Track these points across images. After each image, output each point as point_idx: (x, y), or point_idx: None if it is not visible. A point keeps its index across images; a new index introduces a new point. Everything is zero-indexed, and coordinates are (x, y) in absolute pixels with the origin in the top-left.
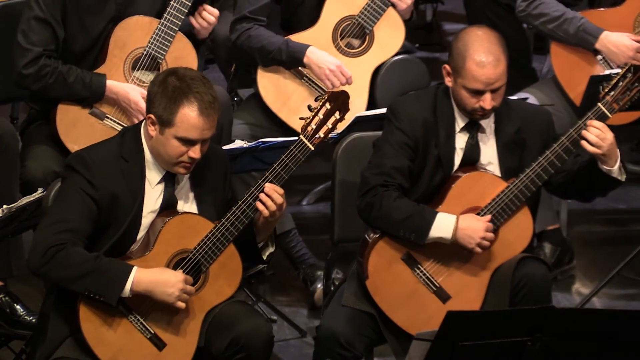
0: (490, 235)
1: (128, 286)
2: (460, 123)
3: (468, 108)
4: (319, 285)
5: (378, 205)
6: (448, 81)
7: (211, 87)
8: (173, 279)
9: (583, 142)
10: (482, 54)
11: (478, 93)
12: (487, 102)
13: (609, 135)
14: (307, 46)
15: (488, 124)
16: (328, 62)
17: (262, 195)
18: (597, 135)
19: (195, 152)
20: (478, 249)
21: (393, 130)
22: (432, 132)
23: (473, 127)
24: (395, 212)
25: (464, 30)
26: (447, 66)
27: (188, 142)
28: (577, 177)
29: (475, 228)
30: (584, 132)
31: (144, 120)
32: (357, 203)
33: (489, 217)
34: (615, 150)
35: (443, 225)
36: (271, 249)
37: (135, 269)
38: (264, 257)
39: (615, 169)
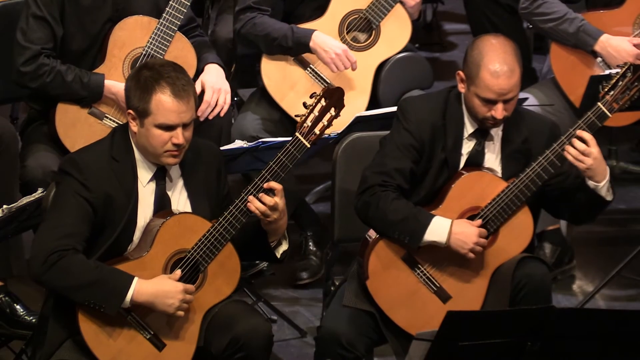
0: (483, 241)
1: (128, 298)
2: (469, 129)
3: (479, 116)
4: (305, 276)
5: (375, 206)
6: (461, 87)
7: (183, 71)
8: (173, 290)
9: (567, 155)
10: (496, 63)
11: (490, 102)
12: (499, 112)
13: (594, 150)
14: (313, 31)
15: (496, 132)
16: (334, 46)
17: (250, 198)
18: (582, 150)
19: (178, 138)
20: (471, 255)
21: (400, 130)
22: (439, 136)
23: (481, 135)
24: (390, 213)
25: (480, 38)
26: (460, 73)
27: (168, 128)
28: (569, 194)
29: (468, 233)
30: (566, 146)
31: None
32: (354, 201)
33: (479, 221)
34: (602, 166)
35: (437, 230)
36: (285, 247)
37: (135, 280)
38: (278, 256)
39: (601, 185)
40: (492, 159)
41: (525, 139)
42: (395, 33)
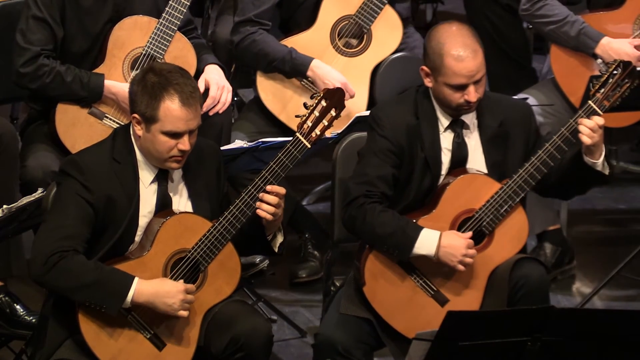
0: (472, 252)
1: (129, 298)
2: (444, 123)
3: (453, 105)
4: (303, 274)
5: (361, 219)
6: (427, 82)
7: (190, 77)
8: (174, 290)
9: (581, 127)
10: (458, 48)
11: (461, 88)
12: (472, 94)
13: (602, 130)
14: (311, 59)
15: (471, 120)
16: (334, 80)
17: (258, 203)
18: (591, 127)
19: (184, 144)
20: (460, 267)
21: (376, 138)
22: (416, 136)
23: (457, 125)
24: (378, 227)
25: (435, 28)
26: (424, 67)
27: (175, 135)
28: (561, 173)
29: (456, 246)
30: (581, 119)
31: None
32: (341, 213)
33: (470, 233)
34: (602, 143)
35: (426, 243)
36: (280, 239)
37: (136, 280)
38: (276, 249)
39: (599, 162)
40: (473, 147)
41: (501, 122)
42: (387, 35)
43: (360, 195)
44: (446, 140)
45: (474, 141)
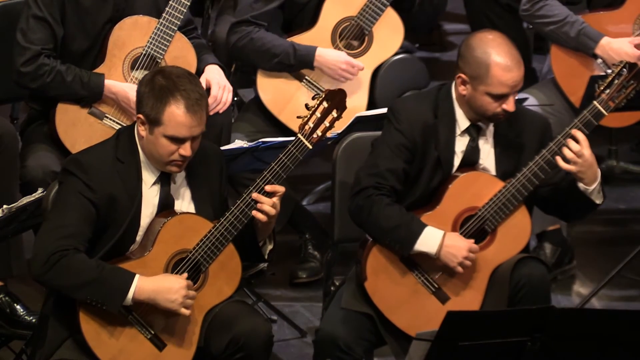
0: (473, 255)
1: (130, 295)
2: (461, 125)
3: (489, 114)
4: (304, 275)
5: (367, 210)
6: (462, 90)
7: (198, 84)
8: (176, 286)
9: (557, 158)
10: (505, 58)
11: (501, 97)
12: (512, 104)
13: (587, 152)
14: (315, 48)
15: (488, 127)
16: (338, 62)
17: (259, 205)
18: (576, 151)
19: (185, 150)
20: (459, 269)
21: (392, 131)
22: (431, 135)
23: (474, 130)
24: (383, 219)
25: (474, 38)
26: (462, 75)
27: (177, 141)
28: (560, 192)
29: (459, 247)
30: (563, 148)
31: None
32: (348, 202)
33: (472, 240)
34: (594, 169)
35: (429, 241)
36: (270, 247)
37: (137, 277)
38: (265, 256)
39: (592, 189)
40: (486, 154)
41: (517, 133)
42: (388, 37)
43: (370, 186)
44: (461, 143)
45: (487, 148)
